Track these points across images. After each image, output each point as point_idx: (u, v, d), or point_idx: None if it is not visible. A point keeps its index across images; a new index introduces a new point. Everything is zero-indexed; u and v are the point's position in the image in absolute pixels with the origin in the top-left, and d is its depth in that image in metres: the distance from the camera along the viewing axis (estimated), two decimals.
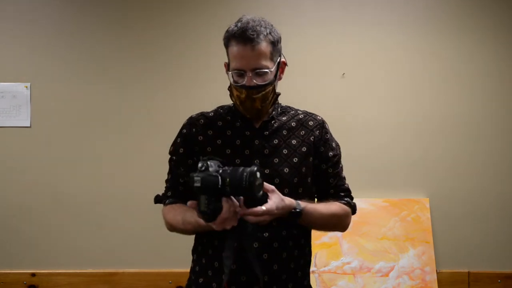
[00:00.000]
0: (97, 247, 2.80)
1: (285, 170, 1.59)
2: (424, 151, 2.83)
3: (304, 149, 1.63)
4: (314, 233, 1.68)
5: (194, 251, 1.68)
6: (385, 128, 2.83)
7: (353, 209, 1.70)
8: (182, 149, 1.64)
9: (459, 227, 2.81)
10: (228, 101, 1.65)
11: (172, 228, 1.62)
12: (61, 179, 2.81)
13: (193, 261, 1.68)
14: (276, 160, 1.59)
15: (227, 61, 1.61)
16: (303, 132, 1.65)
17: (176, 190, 1.65)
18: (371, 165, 2.80)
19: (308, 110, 1.72)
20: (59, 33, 2.83)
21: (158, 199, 1.68)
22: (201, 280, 1.60)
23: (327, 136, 1.68)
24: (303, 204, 1.52)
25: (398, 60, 2.84)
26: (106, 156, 2.82)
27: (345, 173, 1.63)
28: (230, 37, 1.55)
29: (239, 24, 1.54)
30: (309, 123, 1.68)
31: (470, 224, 2.81)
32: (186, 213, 1.54)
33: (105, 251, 2.81)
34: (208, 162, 1.36)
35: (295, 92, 2.82)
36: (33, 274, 2.77)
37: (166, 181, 1.68)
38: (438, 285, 2.69)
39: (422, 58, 2.84)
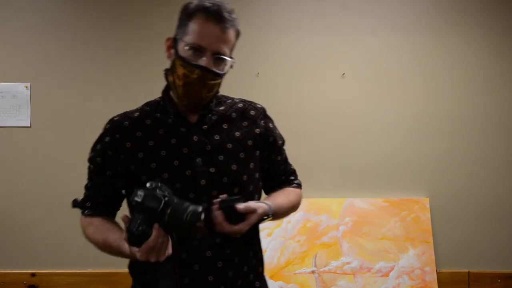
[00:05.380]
0: None
1: (233, 167, 1.42)
2: (424, 151, 2.82)
3: (250, 142, 1.47)
4: (314, 234, 1.67)
5: (133, 269, 1.49)
6: (385, 129, 2.83)
7: (300, 188, 1.65)
8: (99, 159, 1.45)
9: (459, 227, 2.80)
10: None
11: (89, 241, 1.48)
12: (61, 179, 2.80)
13: (134, 278, 1.50)
14: (221, 157, 1.42)
15: (173, 36, 1.41)
16: (246, 123, 1.49)
17: (96, 202, 1.47)
18: (371, 165, 2.80)
19: (247, 99, 1.56)
20: (59, 33, 2.82)
21: (76, 204, 1.46)
22: None
23: (271, 125, 1.55)
24: (272, 205, 1.42)
25: (398, 61, 2.84)
26: None
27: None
28: (200, 10, 1.35)
29: (211, 0, 1.37)
30: (250, 112, 1.51)
31: (470, 224, 2.81)
32: (109, 234, 1.39)
33: None
34: (159, 184, 1.25)
35: (295, 92, 2.83)
36: (33, 274, 2.77)
37: (86, 187, 1.50)
38: (438, 285, 2.69)
39: (423, 59, 2.83)
